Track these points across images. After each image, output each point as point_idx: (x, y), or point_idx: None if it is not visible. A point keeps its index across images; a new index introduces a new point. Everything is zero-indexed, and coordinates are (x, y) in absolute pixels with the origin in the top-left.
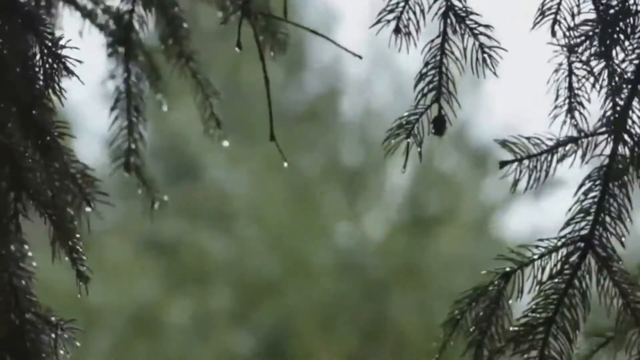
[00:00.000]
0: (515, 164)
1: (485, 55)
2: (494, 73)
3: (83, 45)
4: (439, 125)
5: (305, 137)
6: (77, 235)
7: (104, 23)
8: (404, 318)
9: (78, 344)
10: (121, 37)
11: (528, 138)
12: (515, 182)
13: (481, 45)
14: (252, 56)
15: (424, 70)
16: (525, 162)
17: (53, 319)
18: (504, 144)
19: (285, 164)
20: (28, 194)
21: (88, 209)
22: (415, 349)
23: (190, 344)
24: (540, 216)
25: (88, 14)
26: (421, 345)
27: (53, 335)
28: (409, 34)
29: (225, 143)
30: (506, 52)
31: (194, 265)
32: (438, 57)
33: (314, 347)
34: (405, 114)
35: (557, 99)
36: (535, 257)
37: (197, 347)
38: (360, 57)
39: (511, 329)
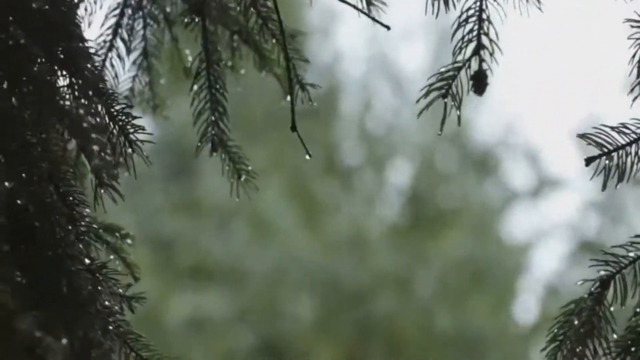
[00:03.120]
0: (603, 158)
1: None
2: (539, 9)
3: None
4: (480, 81)
5: (304, 136)
6: (103, 141)
7: None
8: (402, 317)
9: (120, 291)
10: (197, 5)
11: (613, 127)
12: (606, 179)
13: None
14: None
15: (463, 17)
16: (614, 155)
17: (93, 266)
18: (586, 137)
19: (308, 157)
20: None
21: (130, 150)
22: (413, 348)
23: (189, 342)
24: (540, 216)
25: None
26: (419, 345)
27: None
28: None
29: (310, 104)
30: None
31: (193, 262)
32: (478, 3)
33: (312, 345)
34: (442, 69)
35: (639, 76)
36: (633, 255)
37: (196, 346)
38: (388, 28)
39: (615, 337)
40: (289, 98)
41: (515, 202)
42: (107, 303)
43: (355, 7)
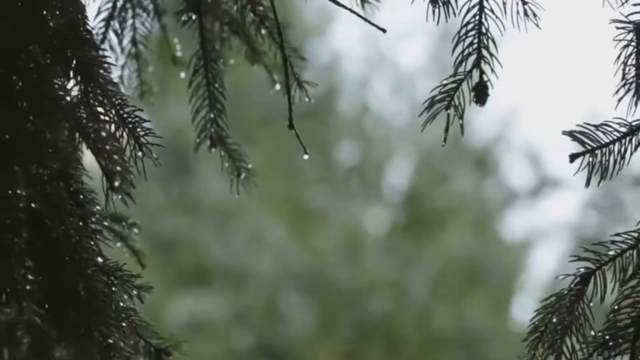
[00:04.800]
0: (587, 155)
1: (526, 6)
2: (537, 25)
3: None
4: (481, 92)
5: (303, 136)
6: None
7: None
8: (400, 317)
9: (134, 292)
10: (193, 3)
11: (597, 126)
12: (589, 176)
13: None
14: None
15: (463, 32)
16: (597, 152)
17: (109, 269)
18: (572, 134)
19: (306, 156)
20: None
21: (140, 154)
22: (412, 348)
23: (188, 343)
24: (540, 216)
25: None
26: (418, 345)
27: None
28: (447, 2)
29: (307, 100)
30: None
31: (193, 263)
32: (477, 17)
33: (311, 346)
34: (444, 81)
35: (623, 77)
36: (614, 253)
37: (195, 347)
38: (384, 31)
39: (593, 333)
40: (278, 87)
41: (515, 202)
42: (121, 304)
43: (350, 9)
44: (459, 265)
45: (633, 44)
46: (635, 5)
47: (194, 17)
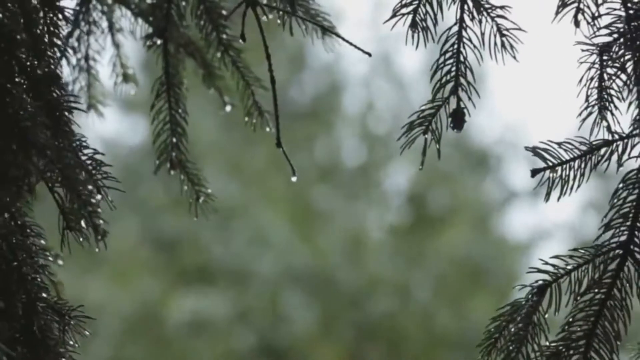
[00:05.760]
0: (548, 171)
1: (504, 38)
2: (514, 57)
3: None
4: (458, 119)
5: (306, 136)
6: (89, 187)
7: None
8: (402, 317)
9: (87, 332)
10: (159, 29)
11: (559, 143)
12: (549, 191)
13: (499, 29)
14: (254, 55)
15: (441, 60)
16: (558, 169)
17: (62, 308)
18: (534, 150)
19: (294, 178)
20: (38, 152)
21: (99, 197)
22: (414, 348)
23: (189, 343)
24: (540, 216)
25: (139, 13)
26: (419, 345)
27: (61, 324)
28: (426, 28)
29: (267, 129)
30: (525, 33)
31: (194, 263)
32: (455, 46)
33: (313, 346)
34: (422, 107)
35: (587, 99)
36: (570, 267)
37: (196, 347)
38: (369, 55)
39: (547, 343)
40: (228, 108)
41: (515, 202)
42: (72, 342)
43: (337, 34)
44: (461, 265)
45: (596, 66)
46: (599, 28)
47: (158, 42)
